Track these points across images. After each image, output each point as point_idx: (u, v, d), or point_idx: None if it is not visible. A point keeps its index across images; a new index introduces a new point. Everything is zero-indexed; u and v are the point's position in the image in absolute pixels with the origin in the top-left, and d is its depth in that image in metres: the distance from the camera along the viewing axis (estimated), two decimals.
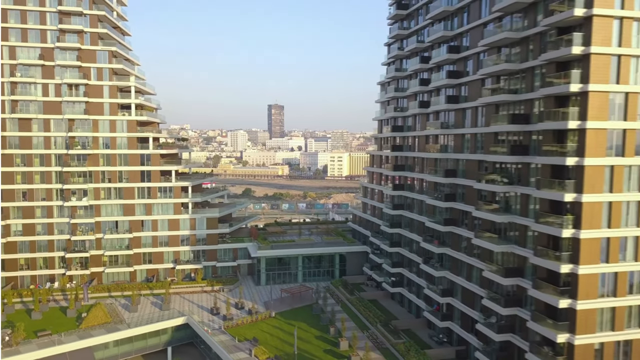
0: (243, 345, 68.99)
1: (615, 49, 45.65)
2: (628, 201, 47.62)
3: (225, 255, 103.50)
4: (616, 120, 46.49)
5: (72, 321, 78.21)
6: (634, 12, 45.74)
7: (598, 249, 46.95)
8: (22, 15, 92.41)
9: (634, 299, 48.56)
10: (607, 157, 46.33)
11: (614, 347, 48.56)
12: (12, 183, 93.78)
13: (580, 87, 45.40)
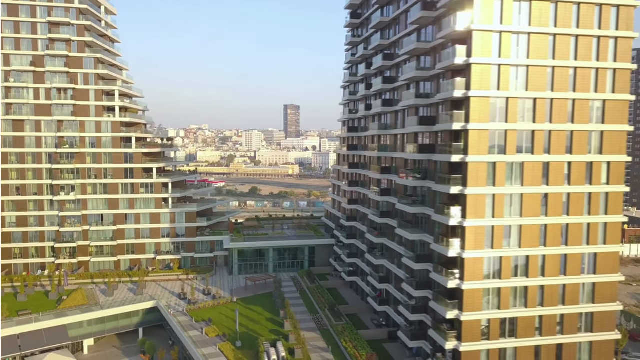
0: (198, 325, 76.42)
1: (496, 59, 51.71)
2: (511, 194, 53.57)
3: (203, 247, 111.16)
4: (498, 122, 52.47)
5: (52, 303, 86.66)
6: (512, 26, 51.71)
7: (483, 235, 53.05)
8: (15, 26, 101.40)
9: (519, 281, 54.48)
10: (489, 154, 52.39)
11: (500, 324, 54.52)
12: (7, 179, 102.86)
13: (463, 92, 51.60)
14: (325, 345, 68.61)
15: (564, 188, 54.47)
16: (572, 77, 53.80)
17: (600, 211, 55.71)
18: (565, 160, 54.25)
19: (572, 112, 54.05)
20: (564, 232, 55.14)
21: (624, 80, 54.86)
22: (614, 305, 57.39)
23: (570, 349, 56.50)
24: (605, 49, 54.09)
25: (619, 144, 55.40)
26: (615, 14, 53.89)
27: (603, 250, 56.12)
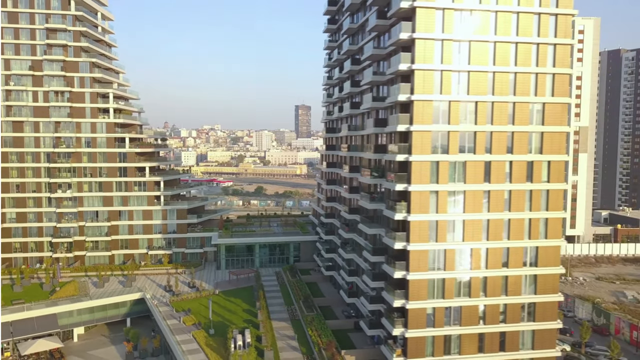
0: (178, 314, 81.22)
1: (438, 65, 55.58)
2: (454, 191, 57.36)
3: (194, 242, 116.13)
4: (441, 124, 56.31)
5: (46, 294, 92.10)
6: (453, 34, 55.52)
7: (427, 229, 56.95)
8: (15, 32, 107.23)
9: (462, 273, 58.24)
10: (432, 154, 56.27)
11: (444, 312, 58.31)
12: (7, 177, 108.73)
13: (407, 96, 55.54)
14: (293, 334, 72.88)
15: (506, 185, 58.12)
16: (513, 82, 57.42)
17: (542, 207, 59.20)
18: (507, 159, 57.88)
19: (513, 114, 57.66)
20: (506, 226, 58.78)
21: (563, 84, 58.34)
22: (555, 296, 60.86)
23: (513, 337, 60.11)
24: (544, 55, 57.61)
25: (559, 144, 58.88)
26: (553, 22, 57.38)
27: (544, 244, 59.64)
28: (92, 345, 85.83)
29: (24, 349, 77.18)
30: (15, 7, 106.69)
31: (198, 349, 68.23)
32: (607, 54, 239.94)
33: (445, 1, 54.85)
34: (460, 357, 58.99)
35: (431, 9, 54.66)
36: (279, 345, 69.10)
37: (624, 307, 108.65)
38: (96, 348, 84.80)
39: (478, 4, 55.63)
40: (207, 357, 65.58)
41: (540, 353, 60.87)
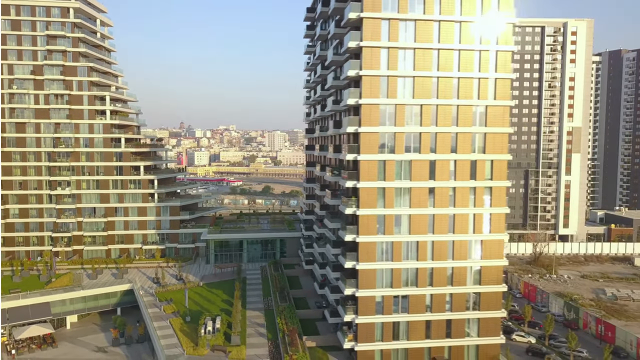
0: (160, 303, 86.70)
1: (385, 71, 60.04)
2: (401, 187, 61.72)
3: (186, 238, 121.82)
4: (387, 126, 60.74)
5: (42, 284, 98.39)
6: (399, 43, 59.92)
7: (375, 223, 61.43)
8: (17, 39, 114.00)
9: (410, 264, 62.58)
10: (380, 153, 60.73)
11: (393, 300, 62.68)
12: (10, 175, 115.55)
13: (356, 100, 60.11)
14: (263, 322, 77.87)
15: (450, 183, 62.30)
16: (456, 86, 61.59)
17: (485, 204, 63.22)
18: (451, 158, 62.06)
19: (457, 117, 61.82)
20: (451, 221, 62.93)
21: (505, 88, 62.33)
22: (500, 287, 64.80)
23: (458, 324, 64.24)
24: (486, 61, 61.67)
25: (501, 144, 62.91)
26: (495, 30, 61.33)
27: (488, 238, 63.68)
28: (83, 332, 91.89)
29: (17, 333, 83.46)
30: (18, 15, 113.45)
31: (172, 334, 73.59)
32: (608, 54, 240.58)
33: (391, 12, 59.27)
34: (408, 342, 63.33)
35: (377, 19, 59.16)
36: (248, 332, 74.13)
37: (601, 303, 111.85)
38: (86, 335, 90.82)
39: (422, 14, 59.96)
40: (179, 340, 70.89)
41: (486, 340, 64.86)
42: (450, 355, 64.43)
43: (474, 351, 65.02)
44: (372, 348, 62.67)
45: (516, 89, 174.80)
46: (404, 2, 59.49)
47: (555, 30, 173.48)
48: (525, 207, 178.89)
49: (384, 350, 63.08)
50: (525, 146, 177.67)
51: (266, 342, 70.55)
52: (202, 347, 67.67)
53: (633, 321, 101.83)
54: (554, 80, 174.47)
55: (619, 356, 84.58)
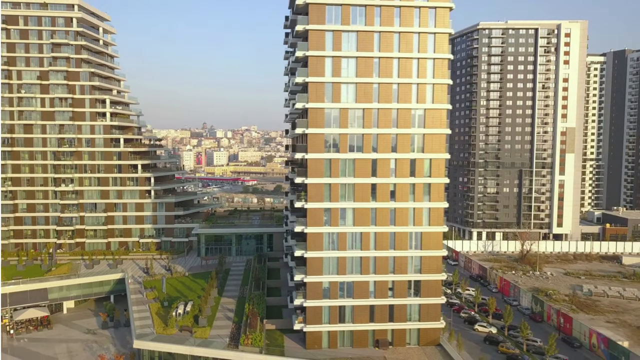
0: (145, 290, 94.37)
1: (330, 78, 66.22)
2: (346, 183, 67.78)
3: (180, 232, 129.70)
4: (333, 127, 66.89)
5: (43, 272, 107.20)
6: (342, 52, 66.04)
7: (322, 215, 67.66)
8: (25, 47, 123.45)
9: (354, 253, 68.58)
10: (325, 153, 66.92)
11: (339, 286, 68.79)
12: (19, 172, 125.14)
13: (303, 105, 66.45)
14: (233, 307, 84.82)
15: (391, 179, 68.12)
16: (396, 91, 67.37)
17: (424, 199, 68.83)
18: (391, 157, 67.88)
19: (397, 119, 67.59)
20: (392, 214, 68.70)
21: (442, 93, 67.84)
22: (438, 276, 70.29)
23: (400, 309, 69.97)
24: (424, 68, 67.29)
25: (439, 144, 68.38)
26: (432, 40, 67.02)
27: (428, 230, 69.24)
28: (77, 316, 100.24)
29: (16, 315, 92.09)
30: (26, 25, 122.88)
31: (149, 317, 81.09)
32: (612, 54, 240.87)
33: (335, 24, 65.45)
34: (353, 325, 69.37)
35: (322, 31, 65.40)
36: (218, 315, 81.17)
37: (574, 298, 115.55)
38: (80, 319, 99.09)
39: (364, 25, 65.97)
40: (153, 322, 78.28)
41: (427, 325, 70.45)
42: (393, 338, 70.21)
43: (415, 334, 70.68)
44: (320, 329, 68.91)
45: (510, 90, 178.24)
46: (347, 15, 65.58)
47: (549, 32, 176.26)
48: (519, 206, 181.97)
49: (330, 331, 69.24)
50: (519, 146, 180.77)
51: (231, 324, 77.41)
52: (171, 328, 74.91)
53: (600, 315, 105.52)
54: (547, 82, 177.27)
55: (572, 345, 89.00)
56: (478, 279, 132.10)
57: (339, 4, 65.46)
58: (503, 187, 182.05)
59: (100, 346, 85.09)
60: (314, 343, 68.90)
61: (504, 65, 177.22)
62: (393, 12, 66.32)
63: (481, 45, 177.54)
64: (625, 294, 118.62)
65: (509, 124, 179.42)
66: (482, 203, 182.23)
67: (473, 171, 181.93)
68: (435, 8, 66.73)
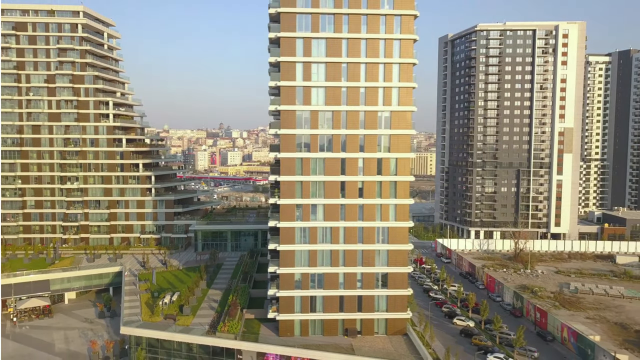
0: (139, 282, 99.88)
1: (300, 82, 70.64)
2: (316, 181, 72.10)
3: (179, 229, 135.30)
4: (304, 129, 71.27)
5: (47, 265, 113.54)
6: (312, 58, 70.39)
7: (294, 211, 72.09)
8: (34, 52, 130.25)
9: (324, 246, 72.83)
10: (297, 152, 71.33)
11: (310, 277, 73.12)
12: (27, 171, 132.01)
13: (276, 107, 70.99)
14: (219, 298, 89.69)
15: (359, 177, 72.23)
16: (363, 94, 71.48)
17: (390, 195, 72.79)
18: (359, 156, 71.98)
19: (364, 121, 71.68)
20: (360, 211, 72.80)
21: (407, 95, 71.72)
22: (405, 268, 74.16)
23: (368, 300, 74.02)
24: (389, 72, 71.26)
25: (405, 144, 72.29)
26: (398, 46, 71.00)
27: (394, 225, 73.19)
28: (77, 307, 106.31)
29: (19, 304, 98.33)
30: (34, 31, 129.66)
31: (138, 306, 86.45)
32: (617, 54, 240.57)
33: (305, 32, 69.87)
34: (324, 314, 73.67)
35: (293, 38, 69.87)
36: (203, 305, 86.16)
37: (559, 295, 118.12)
38: (80, 309, 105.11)
39: (332, 33, 70.24)
40: (141, 310, 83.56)
41: (394, 315, 74.43)
42: (362, 327, 74.32)
43: (383, 324, 74.69)
44: (292, 318, 73.38)
45: (507, 91, 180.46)
46: (316, 23, 69.94)
47: (547, 33, 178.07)
48: (517, 205, 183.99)
49: (302, 320, 73.64)
50: (517, 146, 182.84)
51: (214, 313, 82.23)
52: (157, 316, 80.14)
53: (581, 312, 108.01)
54: (545, 82, 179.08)
55: (545, 339, 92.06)
56: (467, 276, 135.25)
57: (308, 12, 69.87)
58: (501, 186, 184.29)
59: (95, 333, 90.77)
60: (286, 331, 73.38)
61: (501, 66, 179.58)
62: (360, 19, 70.49)
63: (479, 46, 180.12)
64: (610, 292, 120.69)
65: (506, 124, 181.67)
66: (479, 202, 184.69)
67: (471, 171, 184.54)
68: (400, 16, 70.69)
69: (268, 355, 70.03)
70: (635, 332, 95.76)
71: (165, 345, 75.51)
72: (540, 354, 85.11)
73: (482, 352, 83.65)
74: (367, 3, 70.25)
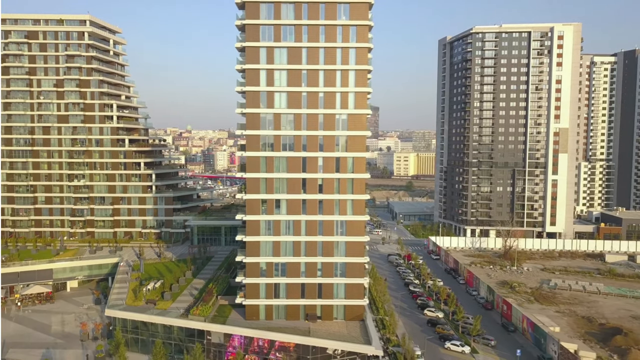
0: (132, 272, 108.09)
1: (264, 87, 77.38)
2: (280, 178, 78.70)
3: (178, 224, 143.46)
4: (268, 130, 77.96)
5: (52, 256, 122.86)
6: (274, 65, 77.05)
7: (259, 205, 78.87)
8: (44, 58, 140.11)
9: (287, 238, 79.36)
10: (262, 151, 78.08)
11: (274, 266, 79.77)
12: (38, 169, 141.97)
13: (242, 110, 77.88)
14: (200, 287, 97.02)
15: (318, 175, 78.53)
16: (322, 99, 77.80)
17: (348, 191, 78.87)
18: (319, 155, 78.28)
19: (323, 123, 78.00)
20: (320, 205, 79.10)
21: (363, 100, 77.77)
22: (362, 259, 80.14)
23: (328, 288, 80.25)
24: (346, 78, 77.43)
25: (360, 144, 78.33)
26: (354, 54, 77.12)
27: (351, 219, 79.26)
28: (77, 294, 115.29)
29: (24, 291, 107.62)
30: (45, 39, 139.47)
31: (125, 292, 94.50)
32: (623, 54, 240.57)
33: (268, 41, 76.58)
34: (287, 300, 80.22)
35: (256, 47, 76.67)
36: (184, 292, 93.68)
37: (536, 291, 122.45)
38: (80, 296, 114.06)
39: (293, 42, 76.78)
40: (127, 296, 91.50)
41: (352, 302, 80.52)
42: (322, 313, 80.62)
43: (342, 310, 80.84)
44: (257, 303, 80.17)
45: (503, 92, 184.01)
46: (278, 33, 76.65)
47: (542, 34, 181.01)
48: (512, 205, 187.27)
49: (267, 305, 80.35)
50: (513, 146, 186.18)
51: (192, 299, 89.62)
52: (139, 300, 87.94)
53: (553, 306, 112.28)
54: (540, 83, 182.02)
55: (508, 329, 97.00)
56: (451, 271, 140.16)
57: (271, 24, 76.57)
58: (497, 186, 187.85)
59: (89, 317, 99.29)
60: (252, 315, 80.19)
61: (497, 67, 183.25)
62: (319, 30, 76.85)
63: (474, 48, 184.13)
64: (589, 288, 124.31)
65: (502, 125, 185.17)
66: (475, 202, 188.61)
67: (467, 170, 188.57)
68: (356, 26, 76.78)
69: (234, 336, 77.07)
70: (599, 325, 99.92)
71: (150, 328, 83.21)
72: (500, 343, 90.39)
73: (443, 340, 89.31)
74: (325, 14, 76.59)
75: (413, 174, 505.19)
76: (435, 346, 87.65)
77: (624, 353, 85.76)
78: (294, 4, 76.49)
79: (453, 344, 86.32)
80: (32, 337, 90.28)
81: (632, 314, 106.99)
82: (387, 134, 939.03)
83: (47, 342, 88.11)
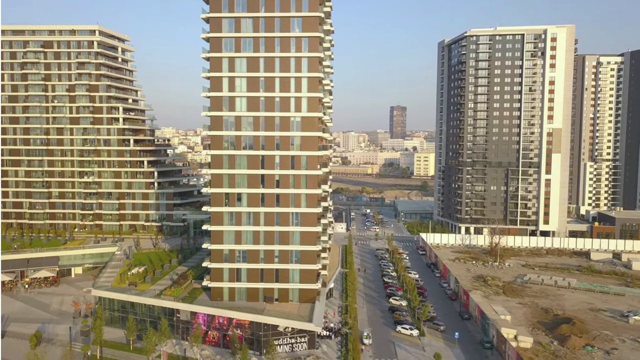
0: (126, 259, 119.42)
1: (227, 92, 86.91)
2: (241, 174, 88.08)
3: (178, 218, 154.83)
4: (230, 131, 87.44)
5: (60, 245, 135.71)
6: (235, 73, 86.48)
7: (222, 198, 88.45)
8: (58, 66, 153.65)
9: (248, 228, 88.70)
10: (225, 150, 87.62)
11: (236, 253, 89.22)
12: (52, 166, 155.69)
13: (207, 113, 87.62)
14: (182, 272, 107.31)
15: (275, 171, 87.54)
16: (278, 103, 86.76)
17: (302, 186, 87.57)
18: (276, 154, 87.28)
19: (279, 124, 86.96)
20: (277, 199, 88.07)
21: (315, 104, 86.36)
22: (315, 247, 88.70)
23: (284, 273, 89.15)
24: (299, 84, 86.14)
25: (313, 144, 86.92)
26: (306, 63, 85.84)
27: (305, 211, 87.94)
28: (80, 280, 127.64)
29: (32, 274, 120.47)
30: (59, 48, 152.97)
31: (114, 276, 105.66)
32: (630, 54, 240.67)
33: (229, 52, 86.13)
34: (247, 284, 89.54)
35: (219, 57, 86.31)
36: (166, 277, 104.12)
37: (507, 284, 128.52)
38: (82, 281, 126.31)
39: (252, 52, 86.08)
40: (114, 278, 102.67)
41: (305, 286, 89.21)
42: (279, 295, 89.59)
43: (297, 293, 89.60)
44: (221, 286, 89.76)
45: (497, 94, 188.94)
46: (239, 44, 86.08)
47: (536, 37, 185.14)
48: (506, 203, 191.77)
49: (230, 288, 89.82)
50: (507, 147, 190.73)
51: (170, 283, 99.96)
52: (123, 283, 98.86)
53: (517, 298, 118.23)
54: (534, 85, 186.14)
55: (462, 317, 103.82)
56: (431, 266, 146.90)
57: (232, 36, 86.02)
58: (490, 185, 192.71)
59: (85, 299, 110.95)
60: (217, 296, 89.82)
61: (491, 69, 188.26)
62: (274, 41, 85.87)
63: (469, 51, 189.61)
64: (560, 283, 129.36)
65: (496, 125, 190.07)
66: (469, 200, 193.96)
67: (462, 170, 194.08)
68: (308, 38, 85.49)
69: (198, 314, 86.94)
70: (554, 316, 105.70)
71: (135, 308, 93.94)
72: (450, 328, 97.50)
73: (397, 324, 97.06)
74: (280, 27, 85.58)
75: (433, 174, 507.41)
76: (388, 329, 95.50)
77: (564, 339, 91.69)
78: (252, 19, 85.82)
79: (403, 328, 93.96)
80: (32, 314, 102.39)
81: (592, 307, 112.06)
82: (414, 134, 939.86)
83: (44, 318, 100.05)
